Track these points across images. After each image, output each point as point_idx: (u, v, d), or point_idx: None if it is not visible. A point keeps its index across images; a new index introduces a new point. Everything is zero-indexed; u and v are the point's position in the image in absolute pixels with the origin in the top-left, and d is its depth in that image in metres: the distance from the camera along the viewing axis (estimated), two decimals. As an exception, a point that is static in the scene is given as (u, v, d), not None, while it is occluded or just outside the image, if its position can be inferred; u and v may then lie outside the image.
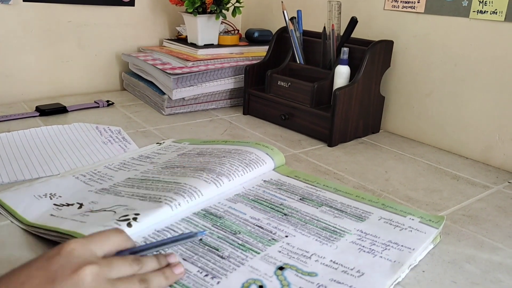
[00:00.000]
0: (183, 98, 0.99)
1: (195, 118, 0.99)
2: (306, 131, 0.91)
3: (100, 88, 1.17)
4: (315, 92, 0.88)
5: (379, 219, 0.57)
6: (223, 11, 1.08)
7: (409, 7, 0.89)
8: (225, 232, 0.53)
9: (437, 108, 0.88)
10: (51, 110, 0.95)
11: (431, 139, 0.90)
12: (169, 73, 0.96)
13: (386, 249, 0.51)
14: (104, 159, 0.73)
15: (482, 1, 0.78)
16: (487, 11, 0.78)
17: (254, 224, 0.55)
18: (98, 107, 1.02)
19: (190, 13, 1.05)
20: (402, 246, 0.51)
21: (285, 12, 0.95)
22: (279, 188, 0.65)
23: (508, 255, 0.54)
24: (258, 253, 0.49)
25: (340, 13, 0.90)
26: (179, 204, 0.56)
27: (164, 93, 0.99)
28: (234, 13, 1.11)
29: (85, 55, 1.13)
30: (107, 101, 1.04)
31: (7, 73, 1.03)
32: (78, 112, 0.98)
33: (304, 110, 0.90)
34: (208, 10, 1.07)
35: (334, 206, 0.60)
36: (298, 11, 0.97)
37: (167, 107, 0.99)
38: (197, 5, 1.03)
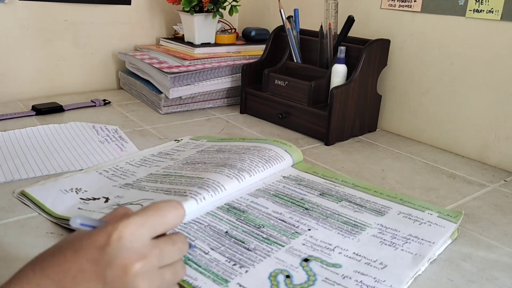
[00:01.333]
0: (180, 97, 0.99)
1: (192, 117, 0.99)
2: (303, 130, 0.91)
3: (96, 87, 1.17)
4: (312, 91, 0.88)
5: (398, 214, 0.59)
6: (220, 9, 1.08)
7: (406, 6, 0.89)
8: (249, 226, 0.54)
9: (434, 107, 0.88)
10: (47, 109, 0.94)
11: (427, 137, 0.91)
12: (166, 72, 0.96)
13: (406, 242, 0.52)
14: (101, 158, 0.73)
15: (478, 0, 0.78)
16: (483, 10, 0.78)
17: (276, 218, 0.57)
18: (95, 106, 1.01)
19: (187, 11, 1.05)
20: (422, 239, 0.53)
21: (282, 10, 0.95)
22: (298, 184, 0.66)
23: (504, 253, 0.54)
24: (283, 246, 0.51)
25: (337, 12, 0.90)
26: (203, 198, 0.57)
27: (161, 92, 0.99)
28: (231, 12, 1.11)
29: (81, 54, 1.13)
30: (104, 100, 1.03)
31: (3, 72, 1.03)
32: (75, 111, 0.97)
33: (301, 109, 0.90)
34: (205, 9, 1.06)
35: (353, 201, 0.62)
36: (295, 10, 0.97)
37: (164, 106, 0.99)
38: (194, 4, 1.03)
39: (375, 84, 0.92)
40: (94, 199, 0.60)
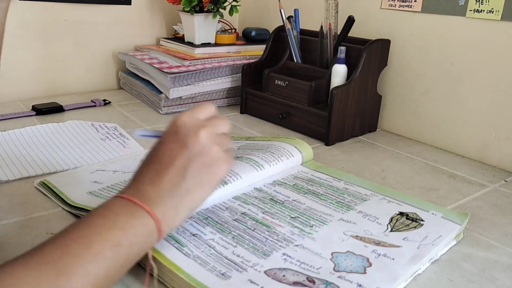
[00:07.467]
0: (180, 97, 0.99)
1: (192, 117, 0.98)
2: (303, 130, 0.91)
3: (96, 87, 1.17)
4: (312, 91, 0.88)
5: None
6: (220, 10, 1.08)
7: (406, 6, 0.89)
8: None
9: (434, 107, 0.88)
10: (47, 109, 0.94)
11: (427, 137, 0.91)
12: (166, 72, 0.96)
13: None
14: (105, 155, 0.74)
15: (479, 0, 0.78)
16: (483, 10, 0.78)
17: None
18: (95, 106, 1.01)
19: (187, 11, 1.05)
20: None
21: (282, 11, 0.95)
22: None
23: (504, 253, 0.54)
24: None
25: (337, 12, 0.90)
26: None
27: (161, 92, 0.99)
28: (231, 12, 1.11)
29: (81, 54, 1.13)
30: (104, 100, 1.03)
31: (3, 72, 1.03)
32: (75, 111, 0.97)
33: (301, 109, 0.90)
34: (205, 9, 1.06)
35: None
36: (295, 10, 0.97)
37: (164, 106, 0.99)
38: (194, 4, 1.03)
39: (375, 84, 0.92)
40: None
